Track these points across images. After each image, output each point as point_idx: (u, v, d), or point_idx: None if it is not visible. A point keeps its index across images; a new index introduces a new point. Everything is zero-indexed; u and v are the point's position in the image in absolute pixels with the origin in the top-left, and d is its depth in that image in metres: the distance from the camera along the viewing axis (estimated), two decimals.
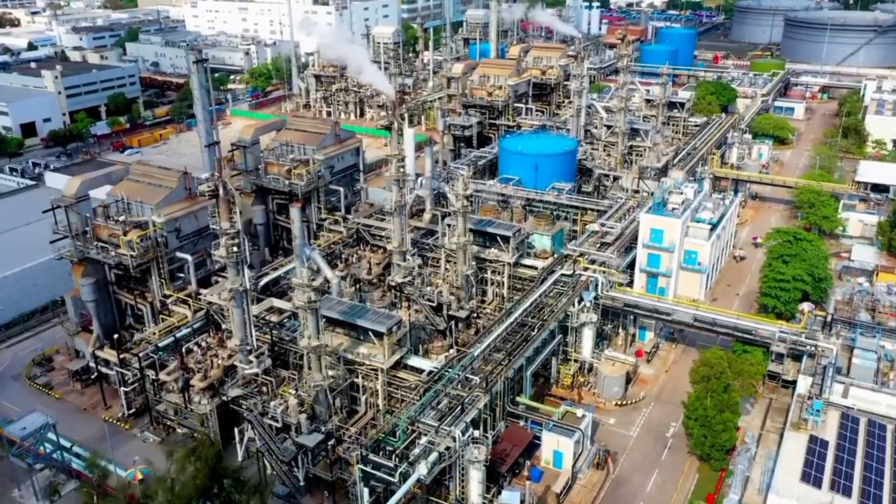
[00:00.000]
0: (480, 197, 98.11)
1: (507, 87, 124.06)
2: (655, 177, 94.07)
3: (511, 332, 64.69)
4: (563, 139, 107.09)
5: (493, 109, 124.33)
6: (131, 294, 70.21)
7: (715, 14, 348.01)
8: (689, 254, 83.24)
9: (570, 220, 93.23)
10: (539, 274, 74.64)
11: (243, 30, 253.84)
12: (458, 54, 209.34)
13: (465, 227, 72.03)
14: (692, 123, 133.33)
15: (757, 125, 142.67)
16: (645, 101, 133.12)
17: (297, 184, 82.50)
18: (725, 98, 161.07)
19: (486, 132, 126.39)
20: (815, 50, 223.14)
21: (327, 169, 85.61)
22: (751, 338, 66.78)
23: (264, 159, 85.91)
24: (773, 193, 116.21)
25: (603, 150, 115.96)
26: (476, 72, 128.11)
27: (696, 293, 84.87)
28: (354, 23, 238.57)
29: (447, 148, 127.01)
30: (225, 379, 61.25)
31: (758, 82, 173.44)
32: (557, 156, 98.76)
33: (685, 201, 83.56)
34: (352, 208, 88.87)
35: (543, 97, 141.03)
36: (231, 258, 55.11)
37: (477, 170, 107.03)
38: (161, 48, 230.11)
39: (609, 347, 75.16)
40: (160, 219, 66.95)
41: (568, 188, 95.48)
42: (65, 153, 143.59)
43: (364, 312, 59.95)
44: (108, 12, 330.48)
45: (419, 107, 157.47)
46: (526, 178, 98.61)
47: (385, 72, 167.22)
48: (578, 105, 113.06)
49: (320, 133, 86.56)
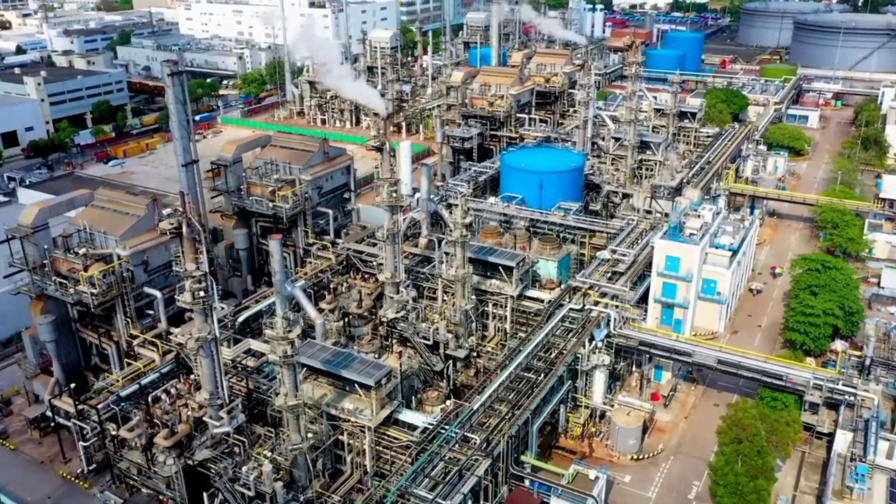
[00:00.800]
0: (481, 216, 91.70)
1: (510, 96, 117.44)
2: (669, 197, 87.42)
3: (515, 378, 58.04)
4: (569, 154, 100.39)
5: (494, 120, 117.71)
6: (95, 333, 63.64)
7: (720, 16, 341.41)
8: (708, 283, 76.65)
9: (577, 244, 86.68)
10: (545, 309, 67.93)
11: (238, 33, 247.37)
12: (458, 59, 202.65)
13: (464, 258, 65.37)
14: (704, 134, 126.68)
15: (771, 135, 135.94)
16: (654, 111, 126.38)
17: (282, 207, 75.89)
18: (737, 106, 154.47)
19: (486, 144, 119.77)
20: (826, 54, 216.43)
21: (315, 190, 78.98)
22: (781, 384, 60.09)
23: (247, 179, 79.31)
24: (792, 210, 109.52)
25: (611, 164, 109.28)
26: (476, 80, 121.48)
27: (714, 325, 78.35)
28: (351, 26, 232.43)
29: (446, 160, 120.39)
30: (194, 434, 54.59)
31: (769, 89, 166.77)
32: (564, 173, 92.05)
33: (703, 225, 76.88)
34: (342, 231, 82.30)
35: (547, 106, 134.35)
36: (197, 304, 48.47)
37: (477, 186, 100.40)
38: (153, 52, 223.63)
39: (622, 390, 68.53)
40: (125, 251, 60.36)
41: (575, 208, 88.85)
42: (45, 164, 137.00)
43: (350, 361, 53.29)
44: (102, 14, 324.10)
45: (417, 115, 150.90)
46: (530, 197, 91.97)
47: (382, 77, 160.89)
48: (585, 116, 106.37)
49: (307, 151, 79.94)
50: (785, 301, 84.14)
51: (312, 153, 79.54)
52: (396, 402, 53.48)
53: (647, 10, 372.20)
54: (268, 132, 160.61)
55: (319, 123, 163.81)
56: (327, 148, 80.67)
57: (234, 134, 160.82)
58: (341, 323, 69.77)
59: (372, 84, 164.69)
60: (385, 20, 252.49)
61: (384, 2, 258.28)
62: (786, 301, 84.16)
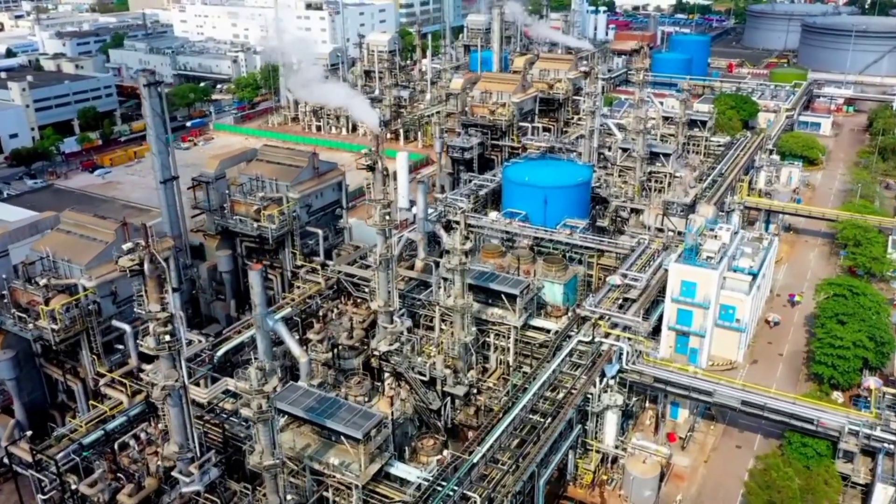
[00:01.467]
0: (482, 233, 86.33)
1: (512, 104, 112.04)
2: (683, 214, 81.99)
3: (519, 422, 52.60)
4: (574, 166, 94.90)
5: (495, 129, 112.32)
6: (60, 370, 58.27)
7: (725, 18, 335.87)
8: (726, 309, 71.12)
9: (584, 264, 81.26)
10: (552, 341, 62.49)
11: (233, 35, 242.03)
12: (458, 62, 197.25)
13: (463, 287, 59.95)
14: (715, 143, 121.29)
15: (783, 144, 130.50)
16: (662, 118, 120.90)
17: (268, 227, 70.44)
18: (746, 112, 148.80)
19: (487, 154, 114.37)
20: (835, 58, 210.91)
21: (303, 208, 73.54)
22: (812, 428, 54.63)
23: (230, 196, 73.89)
24: (809, 224, 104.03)
25: (618, 176, 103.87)
26: (477, 87, 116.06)
27: (733, 354, 72.82)
28: (349, 29, 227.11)
29: (445, 171, 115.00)
30: (164, 488, 49.18)
31: (780, 94, 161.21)
32: (569, 188, 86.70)
33: (721, 247, 71.40)
34: (334, 252, 76.86)
35: (550, 113, 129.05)
36: (162, 350, 43.05)
37: (478, 200, 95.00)
38: (145, 55, 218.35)
39: (635, 430, 63.10)
40: (91, 282, 54.96)
41: (582, 226, 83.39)
42: (28, 174, 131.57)
43: (336, 409, 47.81)
44: (96, 16, 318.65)
45: (416, 121, 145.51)
46: (533, 213, 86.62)
47: (380, 81, 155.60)
48: (591, 126, 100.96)
49: (296, 166, 74.50)
50: (806, 325, 78.88)
51: (301, 168, 74.09)
52: (388, 455, 48.01)
53: (650, 12, 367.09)
54: (260, 139, 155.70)
55: (314, 130, 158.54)
56: (317, 163, 75.22)
57: (227, 140, 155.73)
58: (330, 354, 64.44)
59: (369, 89, 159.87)
60: (384, 22, 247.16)
61: (383, 4, 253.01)
62: (807, 325, 78.93)
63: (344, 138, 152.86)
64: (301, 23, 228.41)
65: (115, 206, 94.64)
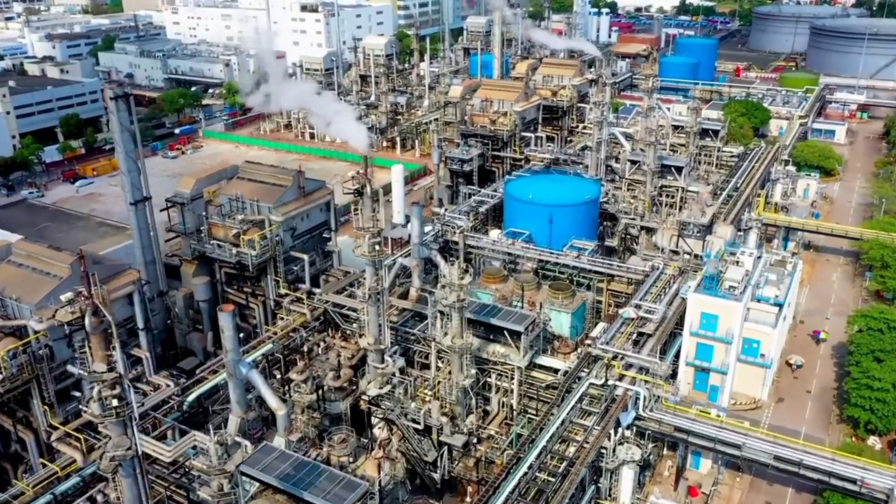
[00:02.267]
0: (482, 254, 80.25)
1: (514, 113, 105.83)
2: (700, 235, 75.79)
3: (525, 484, 46.37)
4: (581, 182, 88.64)
5: (496, 140, 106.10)
6: (10, 419, 52.09)
7: (729, 20, 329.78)
8: (750, 343, 64.95)
9: (593, 289, 75.10)
10: (561, 384, 56.27)
11: (227, 38, 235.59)
12: (458, 66, 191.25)
13: (461, 327, 53.79)
14: (727, 154, 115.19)
15: (798, 154, 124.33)
16: (672, 127, 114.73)
17: (248, 253, 64.23)
18: (758, 120, 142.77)
19: (488, 165, 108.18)
20: (845, 61, 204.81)
21: (287, 231, 67.32)
22: (855, 489, 48.45)
23: (208, 219, 67.68)
24: (829, 241, 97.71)
25: (627, 190, 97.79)
26: (477, 95, 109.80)
27: (757, 391, 66.67)
28: (346, 31, 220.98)
29: (443, 183, 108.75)
30: None
31: (792, 101, 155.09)
32: (577, 206, 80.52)
33: (746, 276, 65.19)
34: (321, 277, 70.64)
35: (554, 121, 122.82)
36: (109, 416, 36.82)
37: (478, 217, 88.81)
38: (136, 58, 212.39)
39: (652, 483, 56.94)
40: (41, 324, 48.76)
41: (591, 247, 77.18)
42: (6, 185, 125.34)
43: (315, 476, 41.58)
44: (88, 18, 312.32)
45: (413, 129, 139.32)
46: (538, 233, 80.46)
47: (376, 87, 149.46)
48: (598, 138, 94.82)
49: (279, 185, 68.29)
50: (834, 358, 72.73)
51: (285, 188, 67.88)
52: None
53: (652, 14, 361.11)
54: (251, 147, 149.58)
55: (307, 138, 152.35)
56: (303, 181, 68.99)
57: (216, 149, 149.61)
58: (315, 396, 58.34)
59: (365, 94, 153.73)
60: (381, 24, 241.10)
61: (380, 5, 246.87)
62: (835, 357, 72.80)
63: (338, 146, 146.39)
64: (296, 25, 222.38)
65: (91, 224, 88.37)
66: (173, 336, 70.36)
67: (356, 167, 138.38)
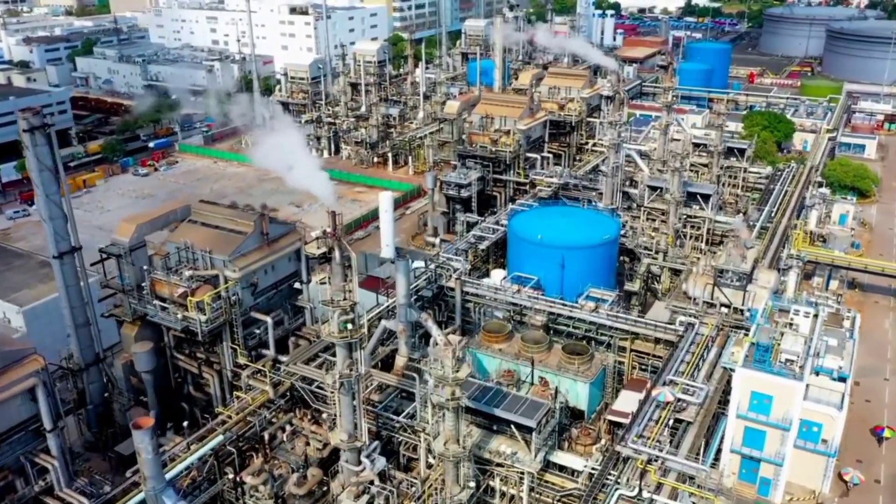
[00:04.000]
0: (482, 303, 68.73)
1: (518, 132, 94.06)
2: (740, 285, 64.02)
3: None
4: (597, 217, 76.75)
5: (498, 162, 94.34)
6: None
7: (737, 22, 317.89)
8: (809, 426, 53.39)
9: (613, 348, 63.58)
10: (583, 496, 44.55)
11: (212, 42, 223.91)
12: (455, 72, 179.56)
13: (457, 428, 42.12)
14: (755, 174, 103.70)
15: (830, 173, 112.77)
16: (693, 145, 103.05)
17: (195, 319, 52.40)
18: (781, 133, 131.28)
19: (489, 190, 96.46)
20: (866, 67, 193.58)
21: (247, 289, 55.48)
22: None
23: (151, 273, 55.88)
24: (876, 277, 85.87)
25: (646, 219, 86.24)
26: (476, 111, 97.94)
27: (816, 482, 55.18)
28: (338, 35, 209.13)
29: (439, 210, 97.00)
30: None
31: (817, 111, 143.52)
32: (593, 249, 68.81)
33: (805, 345, 53.55)
34: (290, 339, 58.82)
35: (561, 137, 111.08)
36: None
37: (477, 255, 77.21)
38: (114, 63, 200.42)
39: None
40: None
41: (610, 298, 65.52)
42: None
43: None
44: (72, 20, 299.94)
45: (406, 144, 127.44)
46: (548, 278, 68.95)
47: (366, 96, 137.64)
48: (615, 162, 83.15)
49: (238, 232, 56.32)
50: None
51: (244, 235, 55.92)
52: None
53: (657, 15, 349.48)
54: (230, 163, 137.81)
55: None
56: (266, 226, 57.03)
57: (192, 164, 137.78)
58: None
59: (355, 104, 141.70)
60: (375, 28, 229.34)
61: (374, 7, 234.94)
62: None
63: (326, 162, 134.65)
64: (285, 28, 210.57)
65: (31, 264, 76.49)
66: (111, 413, 58.58)
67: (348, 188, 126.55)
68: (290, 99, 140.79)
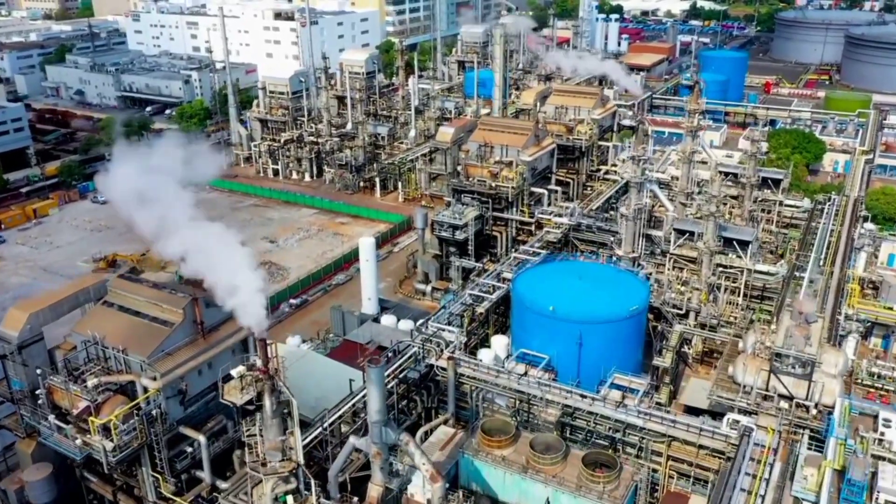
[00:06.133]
0: (481, 388, 55.94)
1: (522, 164, 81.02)
2: (804, 374, 51.11)
3: None
4: (620, 276, 63.43)
5: (499, 199, 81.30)
6: None
7: (745, 25, 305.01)
8: None
9: (646, 455, 50.72)
10: None
11: (192, 48, 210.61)
12: (451, 83, 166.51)
13: None
14: (791, 207, 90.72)
15: (873, 204, 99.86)
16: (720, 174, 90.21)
17: (99, 447, 39.28)
18: (811, 155, 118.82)
19: (488, 229, 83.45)
20: (888, 76, 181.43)
21: (174, 398, 42.30)
22: None
23: (47, 379, 42.71)
24: None
25: (672, 267, 73.40)
26: (474, 137, 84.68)
27: None
28: (325, 42, 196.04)
29: (430, 253, 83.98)
30: None
31: (847, 128, 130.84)
32: (618, 323, 55.79)
33: None
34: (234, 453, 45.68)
35: (569, 163, 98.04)
36: None
37: (474, 320, 64.27)
38: (86, 73, 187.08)
39: None
40: None
41: (642, 388, 52.57)
42: None
43: None
44: (50, 24, 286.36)
45: (396, 167, 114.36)
46: (561, 358, 56.04)
47: (353, 111, 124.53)
48: (637, 204, 70.20)
49: (163, 322, 43.12)
50: None
51: (171, 328, 42.69)
52: None
53: (660, 17, 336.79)
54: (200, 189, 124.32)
55: (270, 174, 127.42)
56: (200, 314, 43.76)
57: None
58: None
59: (341, 119, 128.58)
60: (366, 33, 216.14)
61: (365, 11, 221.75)
62: None
63: (306, 187, 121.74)
64: (269, 35, 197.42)
65: None
66: None
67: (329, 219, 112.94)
68: (268, 115, 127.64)
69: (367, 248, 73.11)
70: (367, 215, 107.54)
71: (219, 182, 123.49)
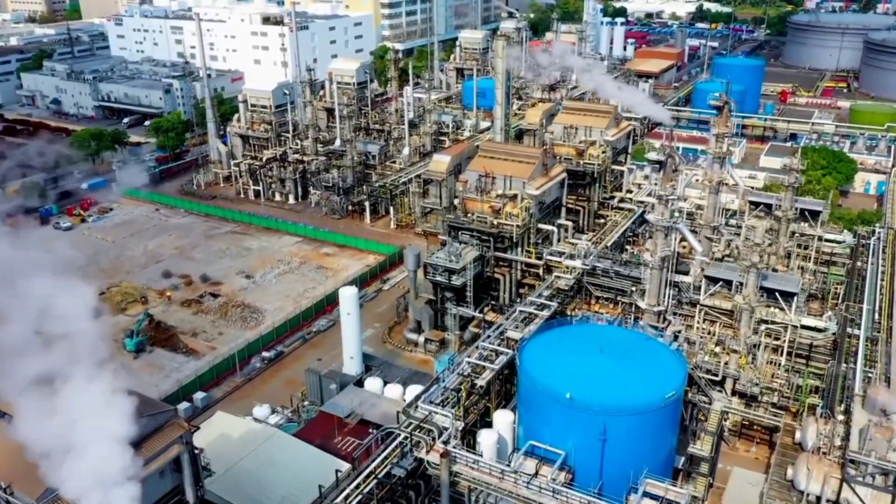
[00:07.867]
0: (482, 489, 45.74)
1: (529, 198, 70.54)
2: (886, 483, 40.84)
3: None
4: (649, 348, 52.75)
5: (503, 238, 70.88)
6: None
7: (753, 29, 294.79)
8: None
9: None
10: None
11: (177, 54, 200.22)
12: (449, 92, 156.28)
13: None
14: (831, 242, 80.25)
15: None
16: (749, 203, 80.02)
17: None
18: (843, 176, 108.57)
19: (489, 272, 73.03)
20: None
21: None
22: None
23: None
24: None
25: (703, 319, 63.16)
26: (473, 166, 74.09)
27: None
28: (317, 48, 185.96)
29: (423, 298, 73.58)
30: None
31: (879, 145, 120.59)
32: (650, 414, 45.30)
33: None
34: None
35: (579, 189, 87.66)
36: None
37: (474, 393, 53.94)
38: (63, 81, 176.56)
39: None
40: None
41: (683, 500, 42.15)
42: None
43: None
44: (33, 28, 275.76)
45: (388, 189, 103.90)
46: (580, 455, 45.64)
47: (342, 126, 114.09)
48: (663, 251, 59.85)
49: None
50: None
51: None
52: None
53: (666, 20, 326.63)
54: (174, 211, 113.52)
55: (252, 196, 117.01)
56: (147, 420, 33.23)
57: (130, 213, 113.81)
58: None
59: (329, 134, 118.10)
60: (360, 38, 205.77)
61: (360, 15, 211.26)
62: None
63: (290, 211, 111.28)
64: (257, 40, 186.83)
65: None
66: None
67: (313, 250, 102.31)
68: (249, 131, 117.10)
69: (348, 299, 62.74)
70: (354, 244, 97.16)
71: (195, 205, 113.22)
